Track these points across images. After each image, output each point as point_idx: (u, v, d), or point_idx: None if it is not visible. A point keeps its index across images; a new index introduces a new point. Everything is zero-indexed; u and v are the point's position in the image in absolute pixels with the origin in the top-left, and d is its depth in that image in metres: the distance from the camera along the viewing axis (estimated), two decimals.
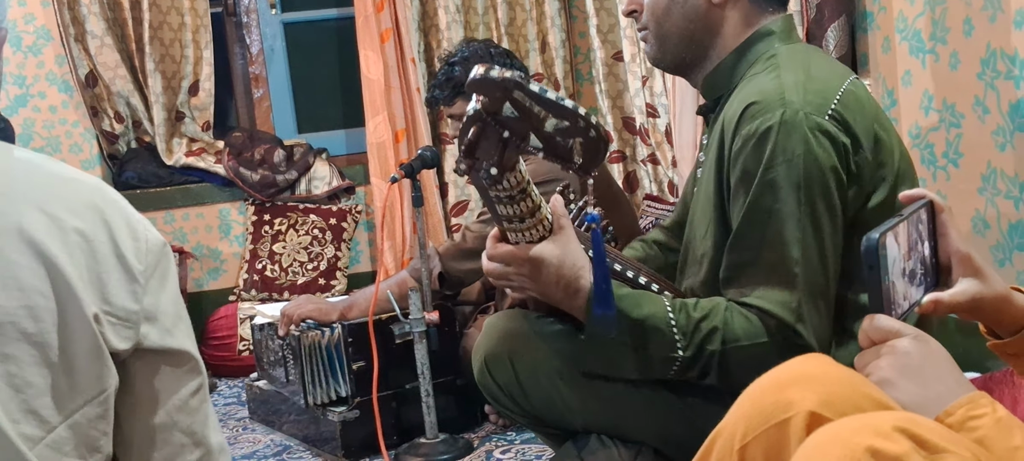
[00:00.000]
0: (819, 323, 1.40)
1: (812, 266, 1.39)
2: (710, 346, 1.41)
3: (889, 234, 0.96)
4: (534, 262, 1.44)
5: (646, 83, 3.40)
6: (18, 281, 0.89)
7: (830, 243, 1.40)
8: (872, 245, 0.94)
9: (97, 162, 3.75)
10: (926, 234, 1.05)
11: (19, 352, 0.89)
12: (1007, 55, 2.06)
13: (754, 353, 1.39)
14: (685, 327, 1.42)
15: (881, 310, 0.95)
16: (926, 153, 2.36)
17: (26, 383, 0.89)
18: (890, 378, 0.90)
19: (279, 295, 3.70)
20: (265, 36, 3.99)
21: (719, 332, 1.41)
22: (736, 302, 1.42)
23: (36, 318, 0.89)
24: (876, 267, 0.94)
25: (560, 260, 1.43)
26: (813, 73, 1.46)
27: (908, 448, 0.77)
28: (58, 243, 0.92)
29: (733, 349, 1.40)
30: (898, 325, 0.94)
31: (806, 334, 1.38)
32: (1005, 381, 1.83)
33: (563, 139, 1.30)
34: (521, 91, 1.27)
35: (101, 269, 0.94)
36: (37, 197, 0.93)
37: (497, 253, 1.48)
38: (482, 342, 1.74)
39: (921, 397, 0.89)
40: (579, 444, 1.67)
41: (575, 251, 1.45)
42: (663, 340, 1.43)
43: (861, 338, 0.96)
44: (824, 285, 1.41)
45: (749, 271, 1.42)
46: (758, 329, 1.39)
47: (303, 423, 2.60)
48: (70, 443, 0.93)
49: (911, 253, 1.01)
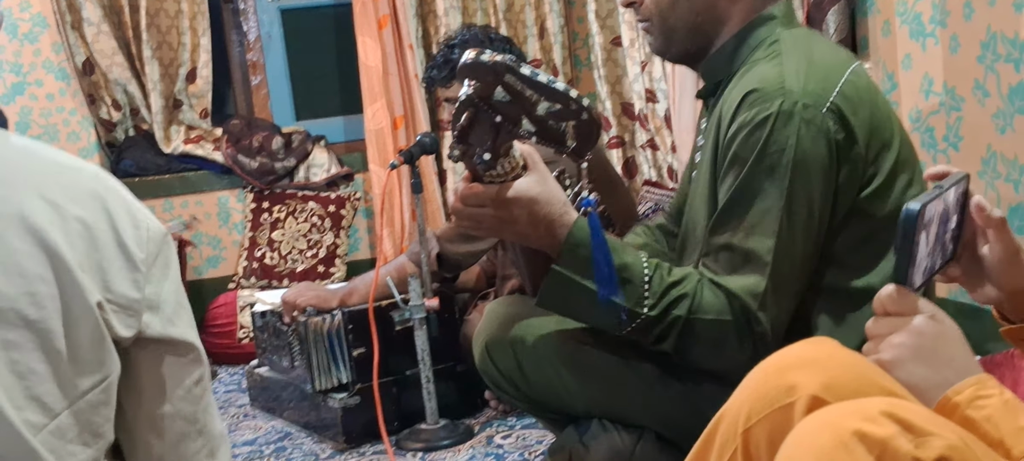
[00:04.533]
0: (778, 314, 1.42)
1: (783, 259, 1.41)
2: (676, 311, 1.42)
3: (930, 204, 0.93)
4: (510, 200, 1.40)
5: (645, 68, 3.39)
6: (20, 268, 0.89)
7: (804, 238, 1.42)
8: (913, 214, 0.91)
9: (95, 150, 3.74)
10: (954, 208, 1.05)
11: (21, 339, 0.89)
12: (1007, 38, 2.06)
13: (715, 328, 1.41)
14: (657, 287, 1.42)
15: (905, 282, 0.93)
16: (926, 137, 2.36)
17: (29, 370, 0.89)
18: (901, 357, 0.90)
19: (278, 282, 3.70)
20: (262, 23, 3.98)
21: (688, 299, 1.42)
22: (708, 278, 1.43)
23: (38, 305, 0.89)
24: (911, 235, 0.91)
25: (537, 195, 1.41)
26: (816, 61, 1.46)
27: (894, 431, 0.78)
28: (59, 230, 0.91)
29: (697, 320, 1.41)
30: (917, 301, 0.93)
31: (765, 322, 1.41)
32: (1006, 363, 1.84)
33: (556, 123, 1.30)
34: (512, 75, 1.27)
35: (102, 257, 0.94)
36: (37, 184, 0.93)
37: (470, 192, 1.42)
38: (483, 328, 1.74)
39: (929, 380, 0.89)
40: (581, 429, 1.67)
41: (553, 187, 1.43)
42: (633, 293, 1.42)
43: (876, 305, 0.95)
44: (790, 279, 1.43)
45: (725, 253, 1.44)
46: (723, 307, 1.41)
47: (304, 410, 2.61)
48: (73, 429, 0.93)
49: (940, 226, 1.00)
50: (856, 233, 1.46)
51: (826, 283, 1.47)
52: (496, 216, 1.42)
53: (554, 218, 1.42)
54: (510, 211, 1.41)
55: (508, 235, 1.48)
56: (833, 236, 1.46)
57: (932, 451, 0.77)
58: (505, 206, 1.41)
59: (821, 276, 1.47)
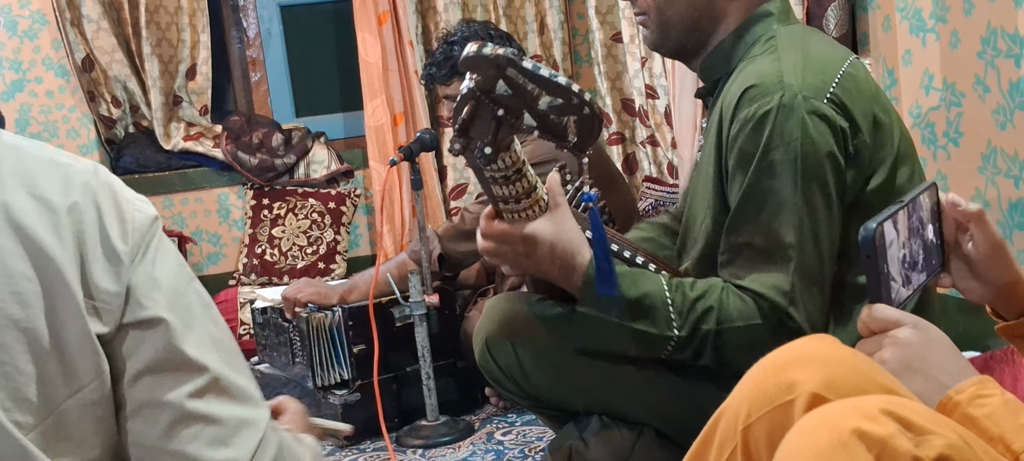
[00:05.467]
0: (813, 307, 1.40)
1: (807, 251, 1.39)
2: (705, 326, 1.41)
3: (887, 222, 0.95)
4: (528, 240, 1.43)
5: (645, 64, 3.39)
6: (4, 266, 0.88)
7: (825, 228, 1.41)
8: (869, 235, 0.93)
9: (95, 147, 3.74)
10: (929, 218, 1.05)
11: (7, 339, 0.88)
12: (1007, 34, 2.06)
13: (748, 334, 1.39)
14: (681, 306, 1.42)
15: (880, 299, 0.94)
16: (927, 133, 2.36)
17: (16, 370, 0.88)
18: (893, 371, 0.90)
19: (279, 279, 3.70)
20: (262, 19, 3.98)
21: (714, 312, 1.41)
22: (732, 284, 1.42)
23: (24, 304, 0.88)
24: (874, 256, 0.93)
25: (555, 237, 1.43)
26: (812, 55, 1.46)
27: (894, 430, 0.77)
28: (46, 228, 0.90)
29: (727, 329, 1.40)
30: (897, 314, 0.94)
31: (799, 318, 1.39)
32: (1006, 360, 1.84)
33: (557, 117, 1.30)
34: (514, 68, 1.26)
35: (88, 252, 0.93)
36: (26, 181, 0.92)
37: (492, 231, 1.47)
38: (483, 325, 1.74)
39: (925, 387, 0.90)
40: (581, 425, 1.67)
41: (571, 228, 1.44)
42: (659, 319, 1.43)
43: (860, 327, 0.96)
44: (818, 269, 1.41)
45: (745, 254, 1.42)
46: (752, 311, 1.40)
47: (305, 406, 2.60)
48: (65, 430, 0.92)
49: (912, 239, 1.01)
50: (858, 227, 1.46)
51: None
52: (514, 252, 1.46)
53: (568, 260, 1.44)
54: (534, 249, 1.44)
55: (529, 271, 1.51)
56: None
57: (932, 450, 0.77)
58: (527, 244, 1.44)
59: None
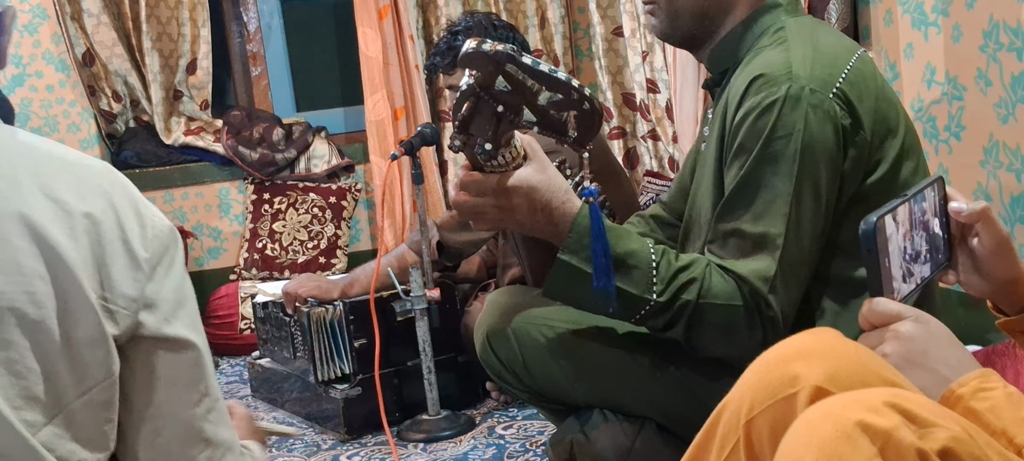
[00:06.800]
0: (788, 300, 1.41)
1: (793, 243, 1.40)
2: (685, 296, 1.40)
3: (887, 216, 0.95)
4: (509, 189, 1.39)
5: (646, 58, 3.38)
6: (18, 266, 0.88)
7: (812, 223, 1.41)
8: (870, 228, 0.93)
9: (95, 142, 3.73)
10: (933, 212, 1.05)
11: (19, 338, 0.88)
12: (1010, 27, 2.05)
13: (725, 314, 1.40)
14: (665, 273, 1.41)
15: (880, 293, 0.94)
16: (928, 126, 2.36)
17: (27, 369, 0.89)
18: (895, 364, 0.91)
19: (280, 274, 3.70)
20: (262, 13, 3.97)
21: (697, 284, 1.40)
22: (717, 264, 1.42)
23: (37, 304, 0.89)
24: (874, 250, 0.94)
25: (538, 182, 1.39)
26: (821, 47, 1.46)
27: (898, 422, 0.77)
28: (61, 228, 0.91)
29: (707, 305, 1.40)
30: (898, 308, 0.94)
31: (775, 306, 1.40)
32: (1007, 354, 1.84)
33: (557, 112, 1.29)
34: (514, 64, 1.26)
35: (106, 255, 0.93)
36: (42, 181, 0.92)
37: (470, 180, 1.41)
38: (484, 318, 1.74)
39: (927, 381, 0.90)
40: (582, 419, 1.67)
41: (553, 174, 1.42)
42: (640, 280, 1.40)
43: (861, 321, 0.96)
44: (801, 263, 1.42)
45: (734, 239, 1.43)
46: (733, 291, 1.40)
47: (306, 400, 2.61)
48: (74, 429, 0.92)
49: (914, 232, 1.01)
50: (860, 221, 1.46)
51: (831, 272, 1.47)
52: (496, 205, 1.41)
53: (555, 207, 1.40)
54: (509, 199, 1.39)
55: (509, 225, 1.46)
56: (838, 224, 1.45)
57: (936, 442, 0.77)
58: (505, 194, 1.39)
59: (826, 265, 1.47)
